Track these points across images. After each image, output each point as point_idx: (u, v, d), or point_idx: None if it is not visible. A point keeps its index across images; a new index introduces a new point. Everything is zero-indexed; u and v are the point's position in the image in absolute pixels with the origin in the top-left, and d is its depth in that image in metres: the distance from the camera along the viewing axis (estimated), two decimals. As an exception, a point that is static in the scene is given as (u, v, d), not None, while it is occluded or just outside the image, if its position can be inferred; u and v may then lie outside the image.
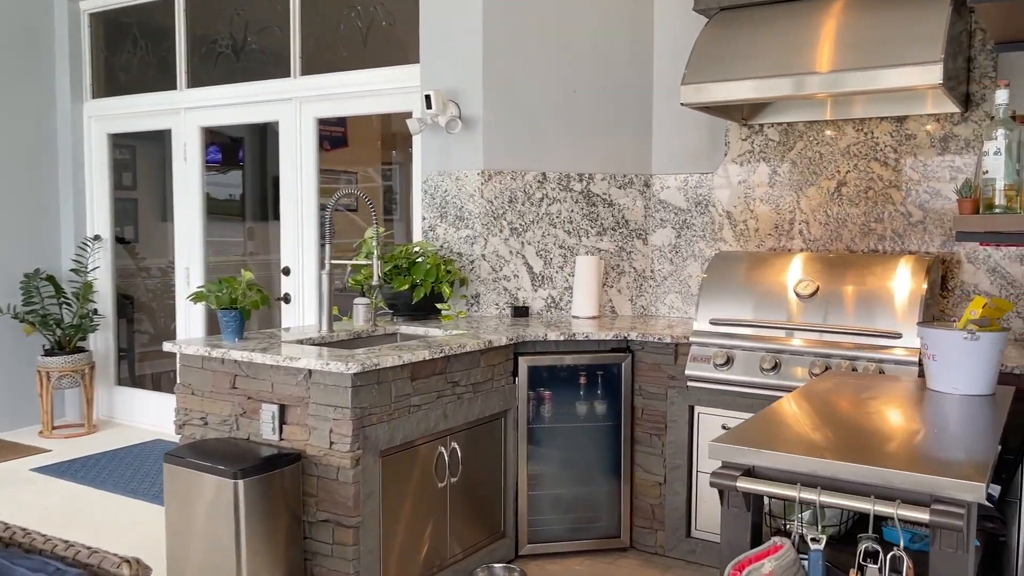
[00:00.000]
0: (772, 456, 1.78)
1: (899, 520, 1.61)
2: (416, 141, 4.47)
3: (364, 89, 4.77)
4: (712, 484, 1.80)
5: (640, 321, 4.00)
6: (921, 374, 3.03)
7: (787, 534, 1.88)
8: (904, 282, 3.22)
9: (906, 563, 1.64)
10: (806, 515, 1.93)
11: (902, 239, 3.67)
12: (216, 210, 5.64)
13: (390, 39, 4.72)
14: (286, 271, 5.16)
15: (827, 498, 1.68)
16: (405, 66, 4.58)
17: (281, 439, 2.88)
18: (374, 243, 3.40)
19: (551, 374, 3.62)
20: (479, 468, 3.36)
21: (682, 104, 3.46)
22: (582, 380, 3.67)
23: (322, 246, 3.65)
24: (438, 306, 3.91)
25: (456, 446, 3.20)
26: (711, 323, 3.48)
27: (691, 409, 3.49)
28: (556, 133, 4.15)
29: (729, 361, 3.35)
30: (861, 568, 1.68)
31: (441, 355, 3.02)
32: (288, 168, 5.11)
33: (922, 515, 1.59)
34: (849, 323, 3.22)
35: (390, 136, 7.11)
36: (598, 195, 4.22)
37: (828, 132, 3.81)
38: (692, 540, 3.54)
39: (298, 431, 2.84)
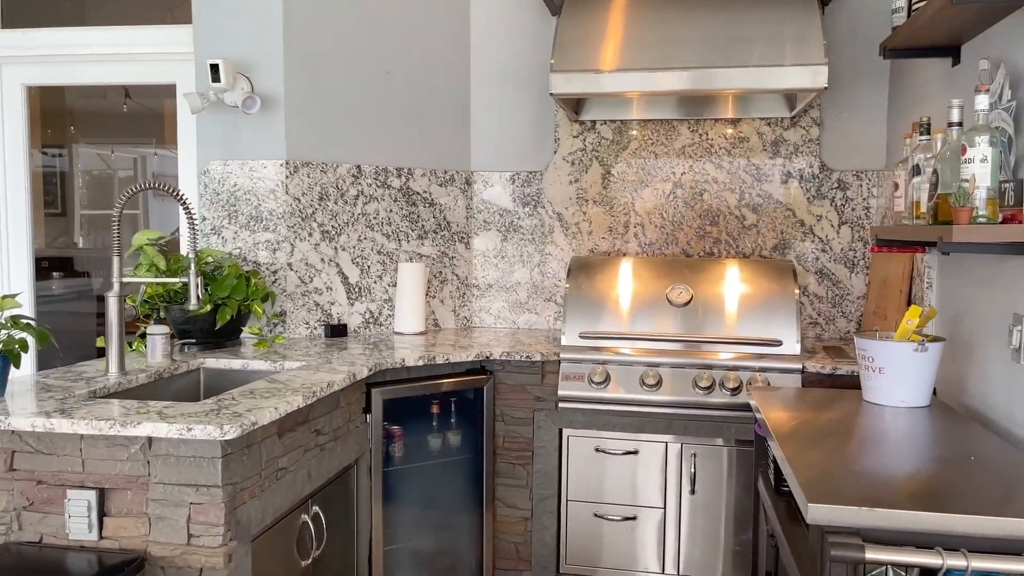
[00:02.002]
0: (897, 516, 1.50)
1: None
2: (186, 121, 3.58)
3: (100, 52, 3.72)
4: (835, 559, 1.47)
5: (463, 334, 3.57)
6: (806, 383, 2.98)
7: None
8: (775, 287, 3.17)
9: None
10: None
11: (736, 242, 3.66)
12: None
13: (143, -10, 3.74)
14: (-19, 286, 3.89)
15: (983, 563, 1.43)
16: (166, 26, 3.64)
17: (102, 538, 2.02)
18: (191, 256, 2.57)
19: (404, 406, 3.05)
20: (336, 531, 2.71)
21: (551, 94, 3.09)
22: (436, 410, 3.16)
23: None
24: (245, 330, 3.13)
25: (318, 510, 2.53)
26: (581, 337, 3.16)
27: (560, 432, 3.15)
28: (370, 120, 3.55)
29: (608, 378, 3.06)
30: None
31: (313, 399, 2.34)
32: (-19, 150, 3.85)
33: (1091, 572, 1.41)
34: (729, 332, 3.10)
35: (53, 113, 5.83)
36: (418, 193, 3.69)
37: (662, 132, 3.68)
38: (561, 576, 3.21)
39: (131, 525, 2.01)
